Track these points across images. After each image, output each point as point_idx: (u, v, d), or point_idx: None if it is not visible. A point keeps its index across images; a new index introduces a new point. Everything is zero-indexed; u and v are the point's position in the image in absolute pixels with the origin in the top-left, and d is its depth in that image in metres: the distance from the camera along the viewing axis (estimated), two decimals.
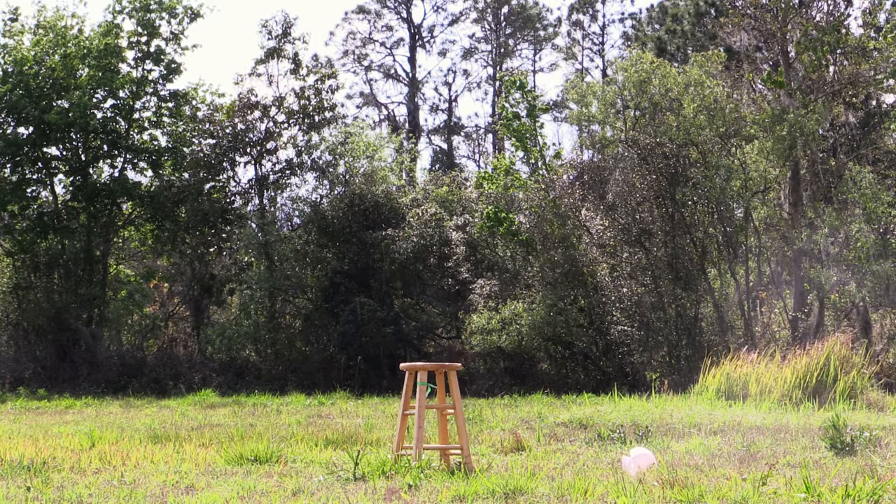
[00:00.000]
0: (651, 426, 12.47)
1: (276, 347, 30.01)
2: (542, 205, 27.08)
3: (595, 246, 26.87)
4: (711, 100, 25.91)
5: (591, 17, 53.40)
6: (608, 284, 26.42)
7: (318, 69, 32.84)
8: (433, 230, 29.66)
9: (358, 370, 27.72)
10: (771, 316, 25.42)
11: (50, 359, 29.90)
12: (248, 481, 8.22)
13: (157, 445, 11.34)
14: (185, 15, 31.92)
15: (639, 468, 8.52)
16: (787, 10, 25.51)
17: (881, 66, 25.33)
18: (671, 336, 24.83)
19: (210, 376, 28.79)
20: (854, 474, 8.10)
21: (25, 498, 7.45)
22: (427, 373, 9.31)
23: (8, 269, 31.61)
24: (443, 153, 52.81)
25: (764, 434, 12.04)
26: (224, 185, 32.15)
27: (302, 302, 30.78)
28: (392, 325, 28.71)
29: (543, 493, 7.50)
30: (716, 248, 25.57)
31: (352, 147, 32.39)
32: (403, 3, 52.37)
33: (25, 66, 30.49)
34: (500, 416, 15.96)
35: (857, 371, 17.23)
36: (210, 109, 32.37)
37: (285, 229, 32.27)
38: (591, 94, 30.03)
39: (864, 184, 23.58)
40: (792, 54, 25.74)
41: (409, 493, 7.62)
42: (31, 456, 9.91)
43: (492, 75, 52.98)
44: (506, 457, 10.30)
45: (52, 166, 31.88)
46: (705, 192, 25.06)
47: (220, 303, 32.80)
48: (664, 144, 25.37)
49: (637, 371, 24.84)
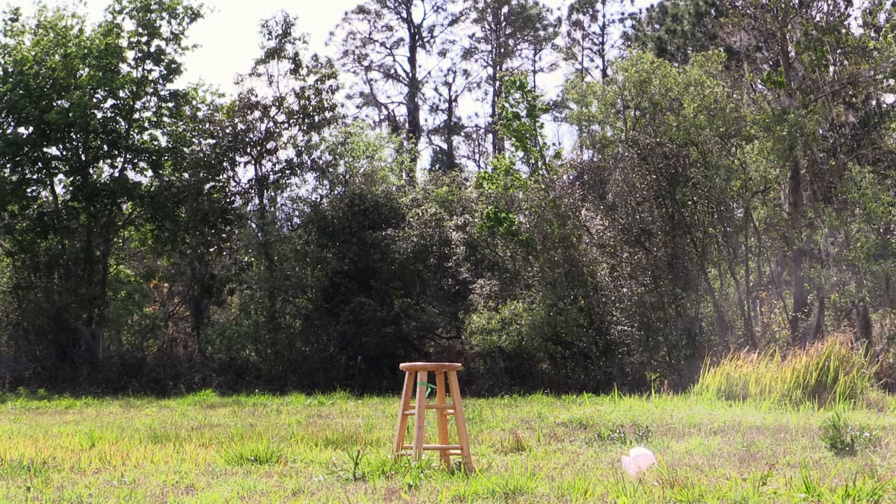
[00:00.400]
0: (651, 426, 12.47)
1: (276, 347, 30.00)
2: (542, 205, 27.07)
3: (595, 246, 26.86)
4: (711, 100, 25.90)
5: (591, 17, 53.40)
6: (608, 284, 26.41)
7: (318, 69, 32.85)
8: (433, 230, 29.66)
9: (358, 370, 27.71)
10: (771, 316, 25.42)
11: (50, 359, 29.91)
12: (248, 481, 8.22)
13: (157, 445, 11.34)
14: (186, 15, 31.93)
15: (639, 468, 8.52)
16: (787, 10, 25.50)
17: (881, 66, 25.33)
18: (671, 336, 24.83)
19: (210, 376, 28.79)
20: (854, 474, 8.10)
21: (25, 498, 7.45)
22: (427, 373, 9.30)
23: (8, 269, 31.61)
24: (443, 153, 52.81)
25: (764, 434, 12.04)
26: (224, 185, 32.15)
27: (302, 302, 30.78)
28: (392, 325, 28.71)
29: (543, 493, 7.50)
30: (716, 248, 25.57)
31: (352, 147, 32.40)
32: (403, 3, 52.38)
33: (26, 66, 30.50)
34: (500, 416, 15.96)
35: (857, 371, 17.23)
36: (210, 109, 32.39)
37: (285, 229, 32.28)
38: (591, 94, 30.02)
39: (864, 184, 23.58)
40: (792, 54, 25.74)
41: (409, 493, 7.62)
42: (31, 456, 9.90)
43: (492, 75, 52.99)
44: (506, 457, 10.30)
45: (52, 166, 31.89)
46: (705, 192, 25.06)
47: (220, 303, 32.81)
48: (664, 144, 25.37)
49: (637, 371, 24.83)
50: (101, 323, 30.87)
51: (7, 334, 31.39)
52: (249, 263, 31.85)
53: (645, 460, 8.70)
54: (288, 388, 27.06)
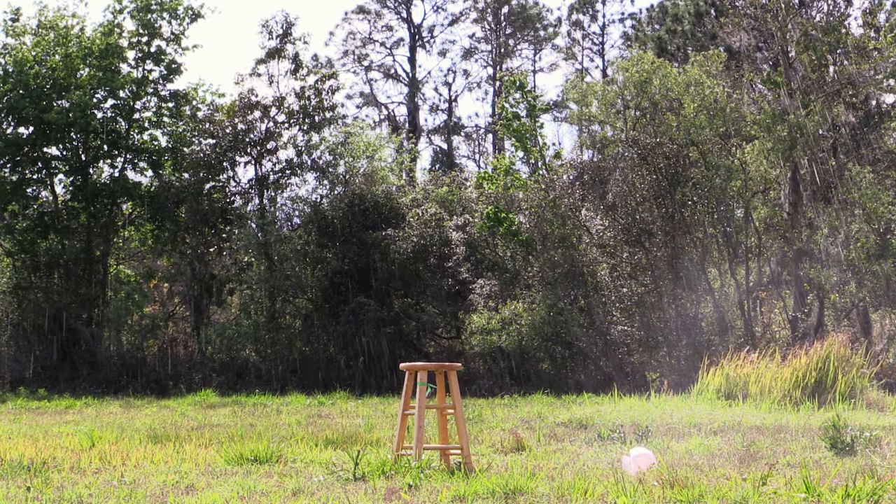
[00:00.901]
0: (651, 426, 12.46)
1: (276, 347, 30.00)
2: (542, 205, 27.07)
3: (595, 246, 26.86)
4: (712, 100, 25.90)
5: (591, 17, 53.38)
6: (608, 284, 26.41)
7: (319, 69, 32.86)
8: (433, 230, 29.66)
9: (358, 370, 27.71)
10: (771, 316, 25.42)
11: (50, 359, 29.91)
12: (248, 481, 8.22)
13: (157, 445, 11.33)
14: (186, 15, 31.95)
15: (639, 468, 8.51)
16: (787, 10, 25.50)
17: (881, 66, 25.32)
18: (671, 336, 24.83)
19: (210, 376, 28.80)
20: (854, 474, 8.10)
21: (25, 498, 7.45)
22: (427, 373, 9.30)
23: (8, 269, 31.61)
24: (443, 153, 52.79)
25: (764, 434, 12.04)
26: (224, 185, 32.15)
27: (302, 302, 30.78)
28: (392, 325, 28.72)
29: (543, 493, 7.50)
30: (716, 248, 25.57)
31: (352, 147, 32.39)
32: (403, 3, 52.36)
33: (26, 66, 30.50)
34: (500, 416, 15.95)
35: (856, 371, 17.23)
36: (210, 109, 32.39)
37: (285, 229, 32.27)
38: (591, 94, 30.02)
39: (864, 184, 23.58)
40: (792, 54, 25.73)
41: (409, 493, 7.62)
42: (31, 456, 9.90)
43: (492, 75, 52.97)
44: (506, 457, 10.30)
45: (52, 166, 31.89)
46: (705, 192, 25.06)
47: (220, 303, 32.81)
48: (664, 144, 25.37)
49: (637, 371, 24.84)
50: (101, 323, 30.87)
51: (7, 334, 31.39)
52: (249, 263, 31.86)
53: (645, 460, 8.70)
54: (288, 388, 27.06)
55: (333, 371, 28.38)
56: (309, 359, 29.52)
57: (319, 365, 28.98)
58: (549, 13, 53.81)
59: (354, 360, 28.02)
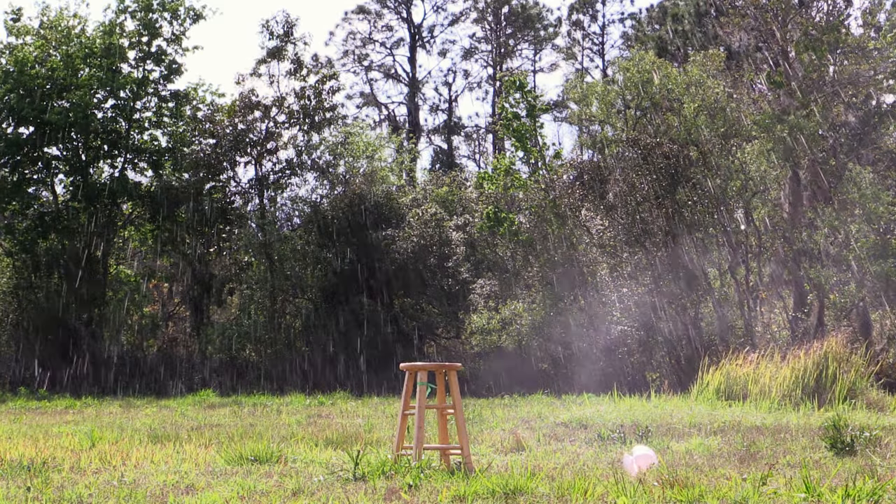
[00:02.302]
0: (651, 426, 12.47)
1: (276, 347, 30.01)
2: (542, 205, 27.07)
3: (595, 246, 26.86)
4: (712, 100, 25.91)
5: (591, 17, 53.39)
6: (608, 284, 26.41)
7: (319, 69, 32.86)
8: (433, 230, 29.67)
9: (358, 370, 27.72)
10: (771, 316, 25.41)
11: (50, 359, 29.91)
12: (248, 481, 8.22)
13: (157, 445, 11.33)
14: (187, 16, 31.96)
15: (639, 468, 8.51)
16: (787, 10, 25.50)
17: (881, 66, 25.32)
18: (671, 336, 24.83)
19: (210, 376, 28.80)
20: (854, 474, 8.10)
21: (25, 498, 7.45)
22: (427, 373, 9.29)
23: (8, 270, 31.62)
24: (443, 153, 52.80)
25: (764, 434, 12.04)
26: (224, 185, 32.16)
27: (302, 302, 30.78)
28: (392, 325, 28.73)
29: (543, 493, 7.50)
30: (716, 248, 25.56)
31: (352, 147, 32.40)
32: (403, 3, 52.36)
33: (27, 66, 30.50)
34: (500, 416, 15.95)
35: (856, 371, 17.23)
36: (210, 109, 32.40)
37: (285, 229, 32.28)
38: (591, 94, 30.02)
39: (864, 184, 23.57)
40: (792, 54, 25.73)
41: (409, 493, 7.62)
42: (31, 456, 9.90)
43: (492, 75, 52.97)
44: (506, 457, 10.29)
45: (52, 166, 31.89)
46: (705, 192, 25.05)
47: (220, 303, 32.81)
48: (664, 144, 25.37)
49: (637, 371, 24.84)
50: (101, 323, 30.87)
51: (7, 334, 31.40)
52: (249, 263, 31.87)
53: (646, 460, 8.70)
54: (288, 388, 27.06)
55: (333, 371, 28.39)
56: (309, 359, 29.53)
57: (319, 365, 28.99)
58: (549, 13, 53.84)
59: (354, 360, 28.03)
